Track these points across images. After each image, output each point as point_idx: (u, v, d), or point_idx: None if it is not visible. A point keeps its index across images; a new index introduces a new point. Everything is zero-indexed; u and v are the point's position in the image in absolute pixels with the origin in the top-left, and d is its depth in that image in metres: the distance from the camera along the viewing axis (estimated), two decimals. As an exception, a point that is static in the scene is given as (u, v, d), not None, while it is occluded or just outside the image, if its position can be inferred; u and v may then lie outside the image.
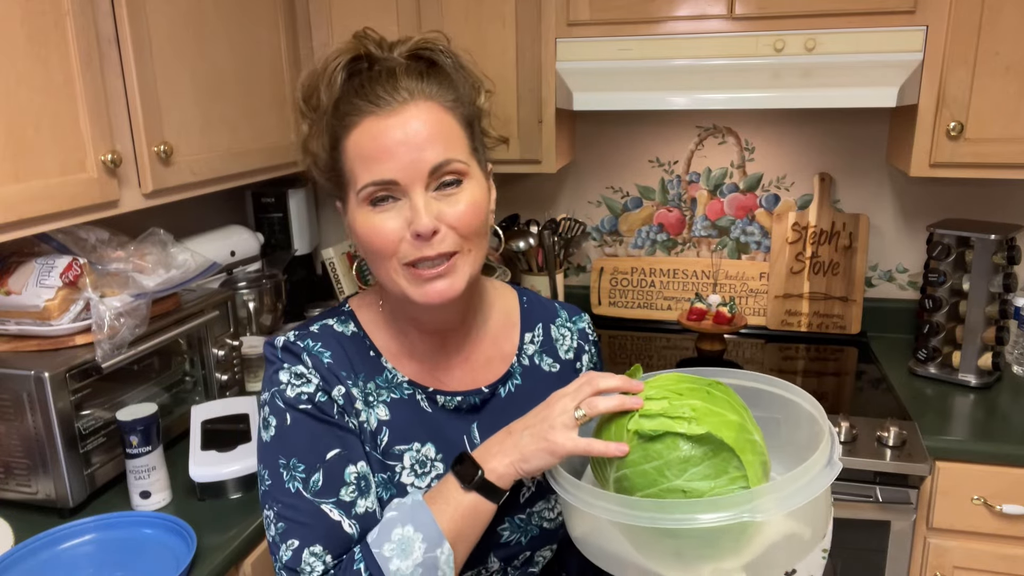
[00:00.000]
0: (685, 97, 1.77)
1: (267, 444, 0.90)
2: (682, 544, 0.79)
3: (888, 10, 1.72)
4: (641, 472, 0.80)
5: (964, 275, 1.83)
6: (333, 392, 0.91)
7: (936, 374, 1.91)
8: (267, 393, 0.92)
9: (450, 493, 0.87)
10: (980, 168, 1.76)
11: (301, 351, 0.92)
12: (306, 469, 0.88)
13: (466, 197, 0.87)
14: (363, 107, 0.86)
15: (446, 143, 0.86)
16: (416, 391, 0.97)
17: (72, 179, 1.32)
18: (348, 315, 0.99)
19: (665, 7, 1.82)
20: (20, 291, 1.39)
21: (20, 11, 1.21)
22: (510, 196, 2.42)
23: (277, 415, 0.90)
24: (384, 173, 0.84)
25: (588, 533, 0.87)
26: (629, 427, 0.82)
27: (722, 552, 0.80)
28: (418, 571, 0.82)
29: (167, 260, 1.54)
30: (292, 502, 0.87)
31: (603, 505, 0.79)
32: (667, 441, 0.79)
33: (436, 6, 1.93)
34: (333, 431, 0.90)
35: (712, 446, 0.79)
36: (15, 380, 1.32)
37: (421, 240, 0.85)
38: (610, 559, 0.86)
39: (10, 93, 1.21)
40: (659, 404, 0.82)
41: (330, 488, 0.88)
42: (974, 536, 1.64)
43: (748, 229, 2.29)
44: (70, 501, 1.36)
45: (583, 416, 0.84)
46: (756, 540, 0.79)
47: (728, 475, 0.79)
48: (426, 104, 0.86)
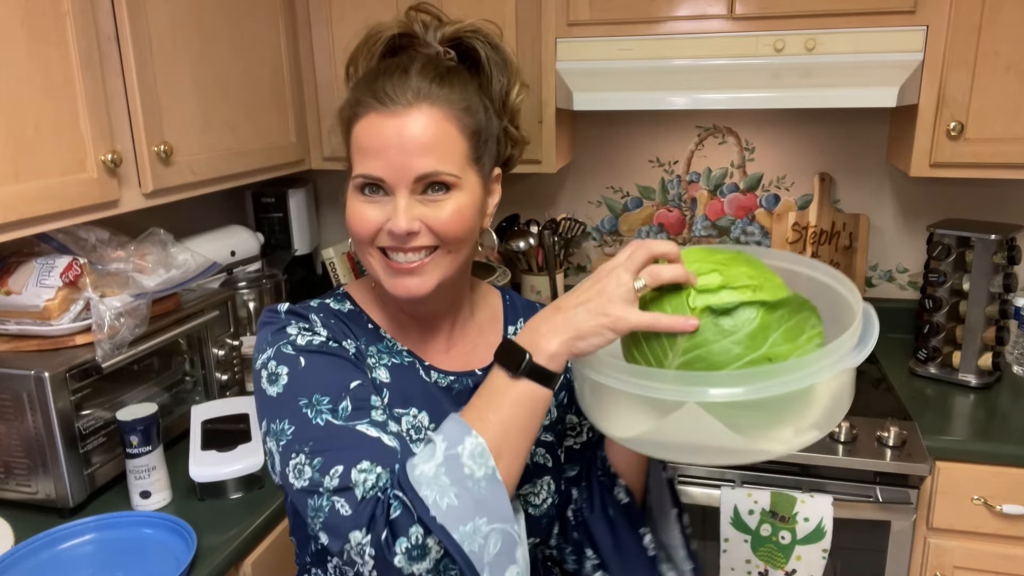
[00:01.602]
0: (685, 97, 1.77)
1: (279, 396, 0.86)
2: (764, 412, 0.77)
3: (888, 10, 1.72)
4: (721, 349, 0.75)
5: (964, 275, 1.83)
6: (344, 343, 0.91)
7: (936, 374, 1.91)
8: (271, 349, 0.89)
9: (493, 385, 0.81)
10: (980, 168, 1.76)
11: (307, 312, 0.93)
12: (332, 399, 0.84)
13: (451, 205, 0.87)
14: (369, 101, 0.87)
15: (440, 153, 0.86)
16: (415, 360, 0.97)
17: (72, 179, 1.32)
18: (343, 295, 1.00)
19: (665, 7, 1.83)
20: (20, 291, 1.39)
21: (20, 11, 1.21)
22: (510, 196, 2.42)
23: (289, 362, 0.87)
24: (373, 170, 0.86)
25: (657, 428, 0.78)
26: (694, 304, 0.77)
27: (794, 413, 0.78)
28: (441, 471, 0.77)
29: (167, 260, 1.54)
30: (323, 434, 0.83)
31: (720, 390, 0.72)
32: (743, 312, 0.76)
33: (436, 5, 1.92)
34: (350, 366, 0.89)
35: (787, 310, 0.76)
36: (15, 380, 1.32)
37: (395, 238, 0.87)
38: (684, 448, 0.81)
39: (10, 93, 1.21)
40: (713, 277, 0.78)
41: (361, 411, 0.85)
42: (974, 536, 1.64)
43: (748, 229, 2.29)
44: (70, 501, 1.36)
45: (643, 287, 0.79)
46: (817, 397, 0.79)
47: (806, 334, 0.77)
48: (430, 110, 0.86)
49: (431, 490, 0.76)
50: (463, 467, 0.77)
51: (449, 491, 0.76)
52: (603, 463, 1.02)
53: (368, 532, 0.77)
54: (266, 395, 0.88)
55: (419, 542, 0.76)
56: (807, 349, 0.76)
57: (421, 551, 0.76)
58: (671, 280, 0.79)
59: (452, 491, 0.76)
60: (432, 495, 0.76)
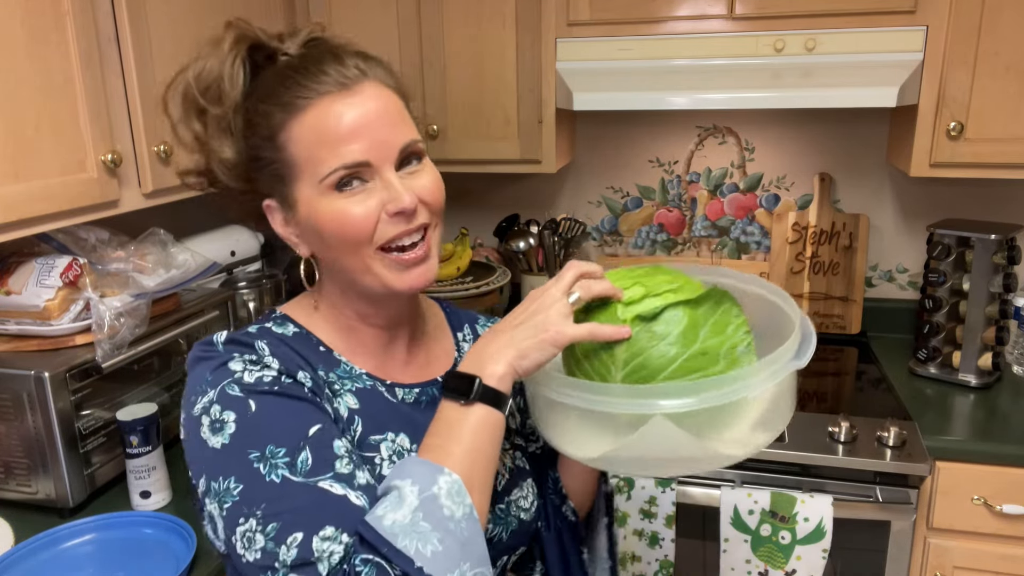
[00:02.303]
0: (685, 97, 1.77)
1: (225, 448, 0.75)
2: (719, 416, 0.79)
3: (888, 10, 1.72)
4: (659, 353, 0.78)
5: (964, 275, 1.83)
6: (299, 376, 0.81)
7: (936, 374, 1.91)
8: (213, 390, 0.78)
9: (448, 418, 0.77)
10: (980, 168, 1.76)
11: (251, 340, 0.82)
12: (289, 451, 0.74)
13: (429, 172, 0.84)
14: (313, 87, 0.80)
15: (406, 123, 0.83)
16: (376, 382, 0.89)
17: (72, 179, 1.32)
18: (283, 318, 0.90)
19: (665, 7, 1.83)
20: (20, 291, 1.39)
21: (20, 11, 1.21)
22: (510, 196, 2.42)
23: (235, 407, 0.76)
24: (355, 155, 0.79)
25: (625, 445, 0.79)
26: (624, 316, 0.80)
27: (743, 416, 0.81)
28: (418, 516, 0.69)
29: (167, 260, 1.54)
30: (279, 493, 0.72)
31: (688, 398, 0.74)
32: (669, 314, 0.79)
33: (436, 6, 1.93)
34: (308, 407, 0.79)
35: (709, 304, 0.80)
36: (15, 380, 1.32)
37: (402, 217, 0.80)
38: (652, 462, 0.83)
39: (10, 93, 1.21)
40: (636, 290, 0.82)
41: (323, 463, 0.75)
42: (974, 536, 1.64)
43: (748, 229, 2.29)
44: (70, 501, 1.36)
45: (578, 300, 0.80)
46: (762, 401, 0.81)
47: (732, 324, 0.80)
48: (376, 83, 0.83)
49: (410, 539, 0.68)
50: (442, 508, 0.70)
51: (431, 537, 0.69)
52: (555, 483, 1.04)
53: None
54: (207, 447, 0.76)
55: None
56: (737, 338, 0.80)
57: None
58: (602, 293, 0.81)
59: (435, 536, 0.69)
60: (413, 544, 0.68)
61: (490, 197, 2.43)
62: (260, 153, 0.83)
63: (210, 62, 0.84)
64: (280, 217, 0.86)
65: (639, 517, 1.68)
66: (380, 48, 1.97)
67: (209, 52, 0.85)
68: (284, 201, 0.84)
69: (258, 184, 0.85)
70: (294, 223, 0.85)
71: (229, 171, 0.85)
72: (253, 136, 0.83)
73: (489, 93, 1.96)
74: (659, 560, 1.69)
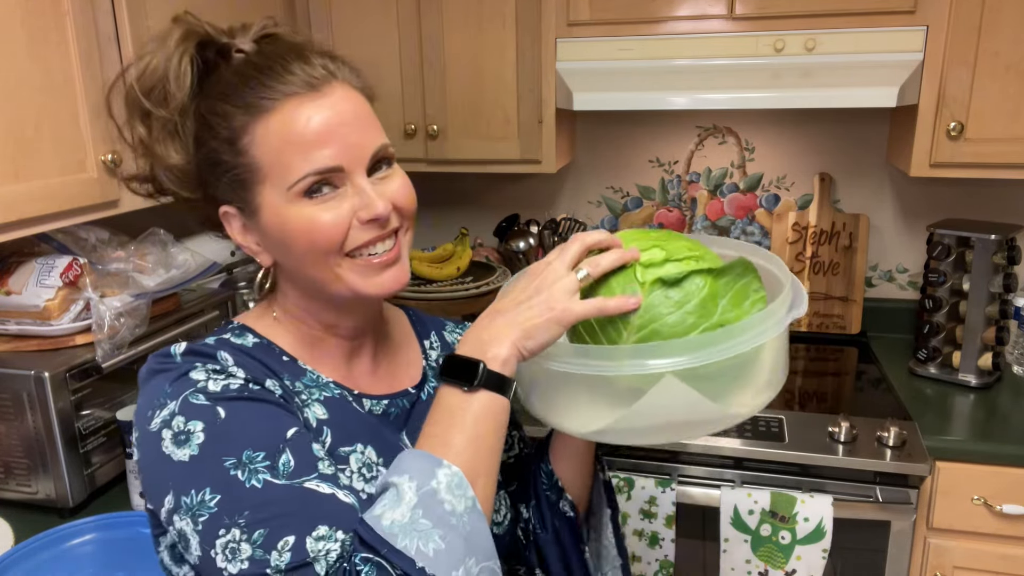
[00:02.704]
0: (685, 97, 1.77)
1: (195, 459, 0.69)
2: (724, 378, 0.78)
3: (888, 10, 1.72)
4: (676, 320, 0.75)
5: (964, 275, 1.83)
6: (267, 384, 0.76)
7: (936, 374, 1.91)
8: (172, 403, 0.72)
9: (449, 405, 0.73)
10: (980, 168, 1.76)
11: (212, 351, 0.77)
12: (268, 455, 0.69)
13: (399, 177, 0.81)
14: (278, 88, 0.74)
15: (377, 126, 0.79)
16: (344, 391, 0.85)
17: (72, 179, 1.32)
18: (241, 328, 0.84)
19: (665, 7, 1.83)
20: (20, 291, 1.39)
21: (20, 11, 1.21)
22: (510, 196, 2.42)
23: (201, 415, 0.71)
24: (325, 160, 0.74)
25: (633, 412, 0.76)
26: (643, 278, 0.77)
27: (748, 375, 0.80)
28: (418, 513, 0.65)
29: (167, 260, 1.54)
30: (263, 499, 0.67)
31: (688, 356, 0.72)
32: (691, 282, 0.77)
33: (436, 6, 1.93)
34: (280, 411, 0.74)
35: (732, 275, 0.78)
36: (15, 380, 1.32)
37: (375, 224, 0.77)
38: (657, 428, 0.80)
39: (10, 93, 1.21)
40: (655, 253, 0.79)
41: (306, 464, 0.70)
42: (974, 536, 1.64)
43: (748, 229, 2.29)
44: (70, 501, 1.36)
45: (587, 276, 0.77)
46: (764, 358, 0.81)
47: (750, 299, 0.79)
48: (344, 84, 0.78)
49: (410, 538, 0.64)
50: (442, 503, 0.66)
51: (432, 534, 0.65)
52: (549, 476, 0.98)
53: None
54: (171, 462, 0.70)
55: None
56: (753, 313, 0.78)
57: None
58: (612, 266, 0.78)
59: (436, 534, 0.65)
60: (414, 543, 0.64)
61: (490, 197, 2.43)
62: (218, 157, 0.77)
63: (155, 60, 0.78)
64: (238, 224, 0.81)
65: (639, 517, 1.68)
66: (380, 48, 1.98)
67: (154, 49, 0.78)
68: (244, 208, 0.79)
69: (214, 190, 0.80)
70: (255, 231, 0.80)
71: (177, 178, 0.81)
72: (211, 139, 0.77)
73: (489, 93, 1.96)
74: (659, 560, 1.69)
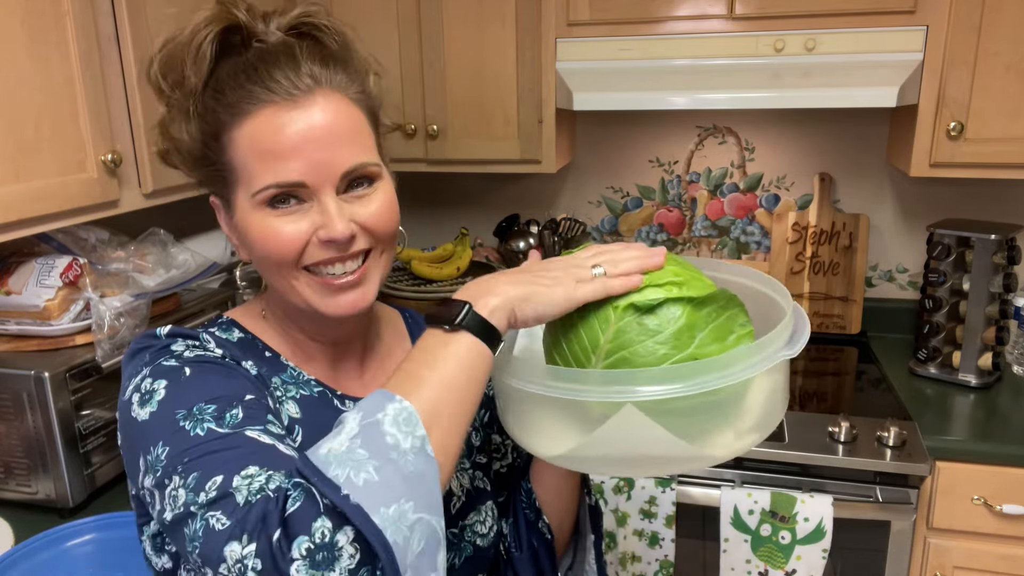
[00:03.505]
0: (685, 97, 1.77)
1: (153, 415, 0.69)
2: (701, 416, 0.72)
3: (888, 10, 1.72)
4: (646, 349, 0.71)
5: (964, 275, 1.83)
6: (244, 364, 0.77)
7: (936, 374, 1.91)
8: (146, 368, 0.73)
9: (425, 345, 0.68)
10: (980, 168, 1.76)
11: (195, 334, 0.78)
12: (218, 408, 0.68)
13: (379, 197, 0.77)
14: (258, 93, 0.73)
15: (358, 143, 0.75)
16: (325, 390, 0.83)
17: (72, 179, 1.32)
18: (229, 323, 0.84)
19: (665, 7, 1.83)
20: (20, 291, 1.39)
21: (20, 11, 1.21)
22: (510, 196, 2.42)
23: (167, 375, 0.71)
24: (289, 174, 0.72)
25: (593, 440, 0.71)
26: (617, 303, 0.73)
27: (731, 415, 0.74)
28: (356, 443, 0.60)
29: (167, 260, 1.54)
30: (203, 448, 0.65)
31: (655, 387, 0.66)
32: (667, 310, 0.72)
33: (436, 6, 1.93)
34: (249, 383, 0.74)
35: (714, 307, 0.73)
36: (15, 380, 1.32)
37: (332, 246, 0.74)
38: (620, 460, 0.75)
39: (10, 93, 1.21)
40: None
41: (254, 420, 0.68)
42: (974, 536, 1.64)
43: (748, 229, 2.29)
44: (70, 501, 1.36)
45: (602, 273, 0.73)
46: (752, 398, 0.75)
47: (735, 334, 0.73)
48: (333, 95, 0.75)
49: (342, 467, 0.59)
50: (384, 436, 0.60)
51: (367, 464, 0.59)
52: (528, 496, 0.95)
53: (252, 540, 0.57)
54: (136, 424, 0.70)
55: (326, 539, 0.57)
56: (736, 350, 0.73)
57: (329, 552, 0.56)
58: (629, 270, 0.74)
59: (371, 464, 0.59)
60: (344, 472, 0.58)
61: (490, 197, 2.43)
62: (205, 150, 0.78)
63: (179, 41, 0.77)
64: (223, 217, 0.81)
65: (639, 517, 1.68)
66: (380, 48, 1.98)
67: (181, 33, 0.77)
68: (226, 203, 0.79)
69: (206, 179, 0.81)
70: (233, 227, 0.80)
71: (184, 160, 0.81)
72: (202, 131, 0.77)
73: (489, 93, 1.96)
74: (659, 560, 1.69)
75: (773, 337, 0.71)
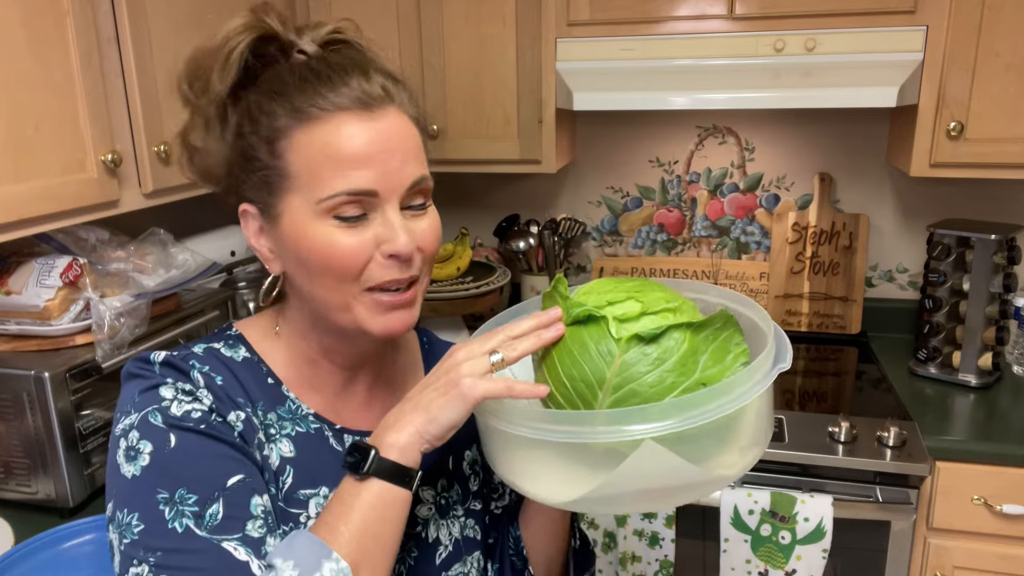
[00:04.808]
0: (685, 97, 1.77)
1: (135, 480, 0.69)
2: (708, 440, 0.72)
3: (888, 10, 1.72)
4: (655, 379, 0.69)
5: (964, 275, 1.83)
6: (230, 416, 0.74)
7: (936, 374, 1.91)
8: (135, 415, 0.72)
9: (341, 493, 0.70)
10: (980, 168, 1.76)
11: (188, 368, 0.75)
12: (200, 500, 0.68)
13: (431, 218, 0.78)
14: (331, 99, 0.72)
15: (420, 158, 0.76)
16: (324, 426, 0.82)
17: (72, 179, 1.32)
18: (236, 339, 0.82)
19: (665, 7, 1.83)
20: (20, 291, 1.39)
21: (20, 11, 1.21)
22: (510, 196, 2.42)
23: (154, 438, 0.70)
24: (363, 182, 0.71)
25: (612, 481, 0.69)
26: (619, 334, 0.71)
27: (733, 434, 0.74)
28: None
29: (167, 260, 1.54)
30: (178, 545, 0.66)
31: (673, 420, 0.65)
32: (669, 337, 0.70)
33: (436, 6, 1.93)
34: (233, 453, 0.72)
35: (712, 329, 0.72)
36: (15, 380, 1.32)
37: (395, 261, 0.73)
38: (638, 495, 0.74)
39: (10, 93, 1.21)
40: (631, 305, 0.73)
41: (234, 522, 0.68)
42: (974, 536, 1.64)
43: (748, 229, 2.29)
44: (70, 501, 1.36)
45: (500, 360, 0.71)
46: (748, 415, 0.75)
47: (731, 353, 0.72)
48: (399, 111, 0.75)
49: None
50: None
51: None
52: (516, 542, 0.94)
53: None
54: (119, 473, 0.70)
55: None
56: (735, 369, 0.72)
57: None
58: (528, 351, 0.72)
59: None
60: None
61: (490, 197, 2.43)
62: (253, 152, 0.75)
63: (206, 51, 0.77)
64: (255, 226, 0.79)
65: (639, 517, 1.68)
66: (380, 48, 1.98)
67: (219, 38, 0.77)
68: (266, 210, 0.76)
69: (241, 185, 0.77)
70: (271, 236, 0.77)
71: (202, 167, 0.80)
72: (251, 133, 0.74)
73: (489, 93, 1.96)
74: (659, 560, 1.69)
75: (767, 354, 0.72)
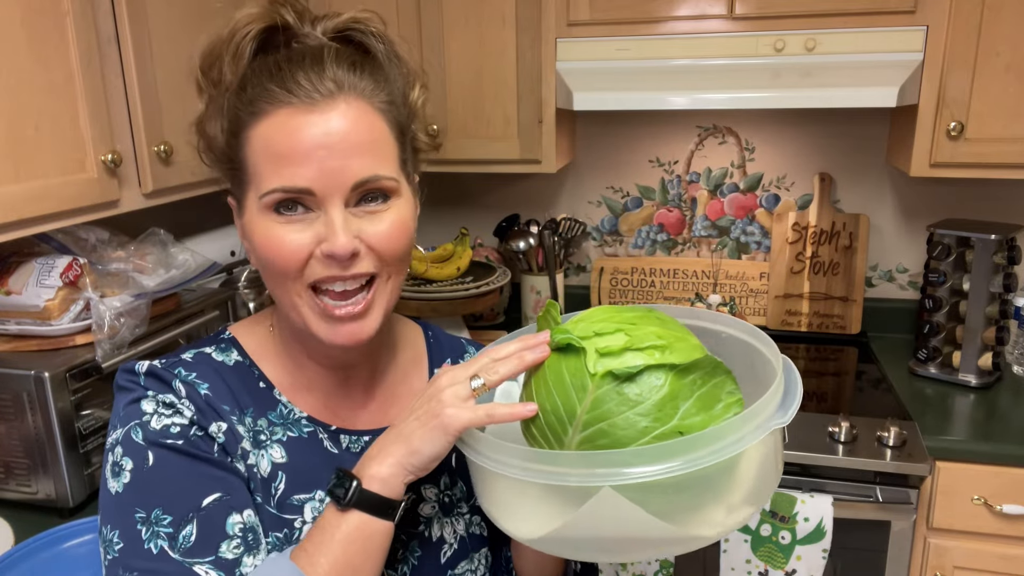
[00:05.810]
0: (685, 97, 1.77)
1: (118, 496, 0.71)
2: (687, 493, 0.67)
3: (888, 10, 1.72)
4: (626, 421, 0.65)
5: (964, 275, 1.83)
6: (211, 428, 0.74)
7: (936, 374, 1.91)
8: (120, 430, 0.73)
9: (322, 522, 0.70)
10: (980, 168, 1.76)
11: (172, 378, 0.75)
12: (174, 521, 0.69)
13: (391, 216, 0.73)
14: (277, 93, 0.70)
15: (375, 154, 0.72)
16: (318, 429, 0.80)
17: (72, 179, 1.32)
18: (229, 342, 0.81)
19: (665, 7, 1.82)
20: (20, 291, 1.39)
21: (20, 11, 1.21)
22: (510, 196, 2.42)
23: (134, 455, 0.71)
24: (297, 179, 0.69)
25: (569, 524, 0.66)
26: (595, 369, 0.66)
27: (721, 489, 0.68)
28: None
29: (167, 260, 1.54)
30: (154, 567, 0.67)
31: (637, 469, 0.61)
32: (648, 378, 0.65)
33: (436, 5, 1.93)
34: (211, 471, 0.72)
35: (700, 374, 0.66)
36: (15, 380, 1.32)
37: (334, 262, 0.71)
38: (602, 543, 0.70)
39: (10, 93, 1.21)
40: (617, 338, 0.68)
41: (207, 544, 0.69)
42: (974, 536, 1.64)
43: (748, 229, 2.29)
44: (70, 501, 1.36)
45: (481, 385, 0.69)
46: (744, 468, 0.69)
47: (722, 403, 0.67)
48: (356, 102, 0.72)
49: None
50: None
51: None
52: (507, 563, 0.92)
53: None
54: (106, 487, 0.73)
55: None
56: (725, 420, 0.66)
57: None
58: (510, 375, 0.70)
59: None
60: None
61: (490, 197, 2.43)
62: (226, 148, 0.76)
63: (218, 40, 0.76)
64: (237, 220, 0.79)
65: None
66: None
67: (228, 28, 0.76)
68: (238, 205, 0.77)
69: (230, 180, 0.78)
70: (243, 231, 0.78)
71: (212, 158, 0.79)
72: (223, 128, 0.76)
73: (489, 93, 1.96)
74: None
75: (764, 403, 0.66)
